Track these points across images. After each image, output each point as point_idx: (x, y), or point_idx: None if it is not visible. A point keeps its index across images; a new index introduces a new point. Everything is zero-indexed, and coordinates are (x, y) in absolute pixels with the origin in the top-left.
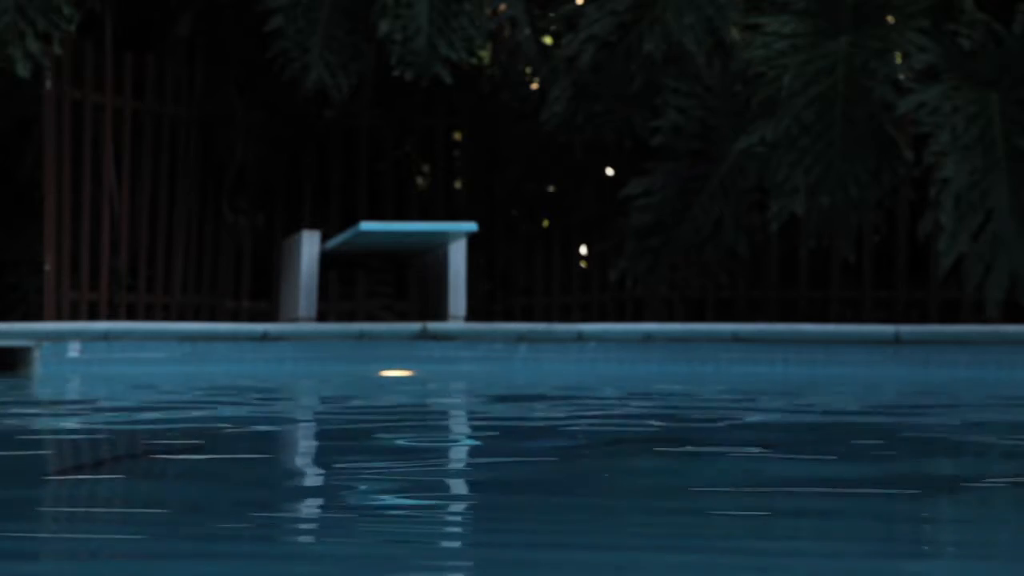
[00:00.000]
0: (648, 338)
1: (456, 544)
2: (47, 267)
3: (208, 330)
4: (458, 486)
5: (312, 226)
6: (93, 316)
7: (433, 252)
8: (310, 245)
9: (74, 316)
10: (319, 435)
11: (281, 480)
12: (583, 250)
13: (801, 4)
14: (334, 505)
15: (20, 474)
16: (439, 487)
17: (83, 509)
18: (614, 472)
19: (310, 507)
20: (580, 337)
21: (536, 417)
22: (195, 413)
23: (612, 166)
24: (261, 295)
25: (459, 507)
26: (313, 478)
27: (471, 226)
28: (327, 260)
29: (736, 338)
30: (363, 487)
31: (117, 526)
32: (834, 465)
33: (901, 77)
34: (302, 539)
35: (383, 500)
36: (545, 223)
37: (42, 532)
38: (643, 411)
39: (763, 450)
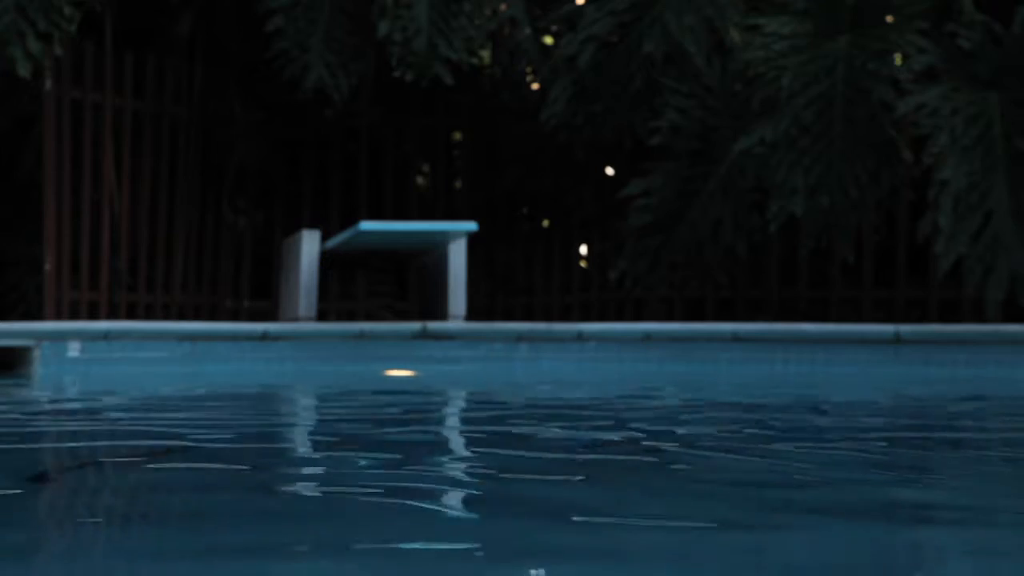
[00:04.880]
0: (648, 338)
1: (459, 547)
2: (47, 267)
3: (208, 330)
4: (459, 487)
5: (312, 226)
6: (93, 316)
7: (433, 252)
8: (310, 245)
9: (74, 316)
10: (319, 436)
11: (280, 483)
12: (583, 250)
13: (800, 5)
14: (332, 506)
15: (10, 475)
16: (440, 487)
17: (76, 512)
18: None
19: (309, 510)
20: (580, 337)
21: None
22: (194, 414)
23: (612, 166)
24: (261, 294)
25: (461, 508)
26: (312, 481)
27: (471, 226)
28: (327, 260)
29: (736, 338)
30: (361, 489)
31: (109, 531)
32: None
33: (900, 78)
34: (300, 545)
35: (380, 502)
36: (545, 223)
37: (29, 535)
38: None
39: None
